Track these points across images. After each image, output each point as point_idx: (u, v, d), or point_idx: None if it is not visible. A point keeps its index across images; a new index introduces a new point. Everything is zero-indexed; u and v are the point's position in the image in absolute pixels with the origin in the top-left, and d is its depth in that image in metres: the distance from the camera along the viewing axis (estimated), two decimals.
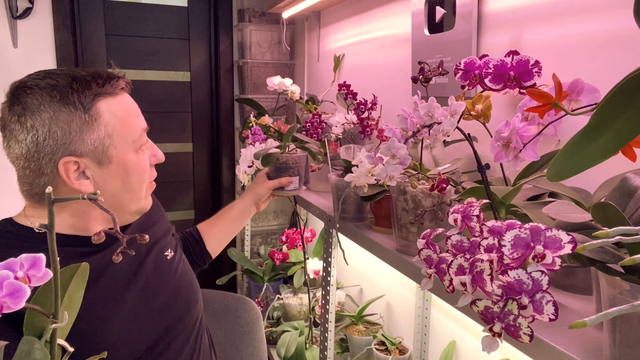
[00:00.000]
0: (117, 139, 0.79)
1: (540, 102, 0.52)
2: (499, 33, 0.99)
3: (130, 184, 0.83)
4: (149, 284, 0.89)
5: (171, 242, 1.01)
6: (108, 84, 0.79)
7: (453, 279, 0.47)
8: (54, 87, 0.75)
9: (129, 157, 0.81)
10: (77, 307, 0.44)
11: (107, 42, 2.24)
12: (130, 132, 0.82)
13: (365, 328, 1.58)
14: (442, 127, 0.68)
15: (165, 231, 1.02)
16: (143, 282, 0.88)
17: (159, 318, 0.88)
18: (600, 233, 0.35)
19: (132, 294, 0.84)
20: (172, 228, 1.07)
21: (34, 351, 0.37)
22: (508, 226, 0.45)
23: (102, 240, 0.40)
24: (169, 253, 0.98)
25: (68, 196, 0.78)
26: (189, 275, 1.00)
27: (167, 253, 0.97)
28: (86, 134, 0.76)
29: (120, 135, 0.80)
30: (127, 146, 0.81)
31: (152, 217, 1.01)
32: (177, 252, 1.01)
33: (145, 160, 0.85)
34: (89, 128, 0.76)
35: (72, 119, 0.75)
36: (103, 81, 0.79)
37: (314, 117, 1.33)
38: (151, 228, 0.99)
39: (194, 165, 2.48)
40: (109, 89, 0.79)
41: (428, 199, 0.77)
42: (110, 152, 0.79)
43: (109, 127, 0.78)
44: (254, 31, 2.20)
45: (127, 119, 0.82)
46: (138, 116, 0.85)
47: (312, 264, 1.93)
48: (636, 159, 0.43)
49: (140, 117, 0.85)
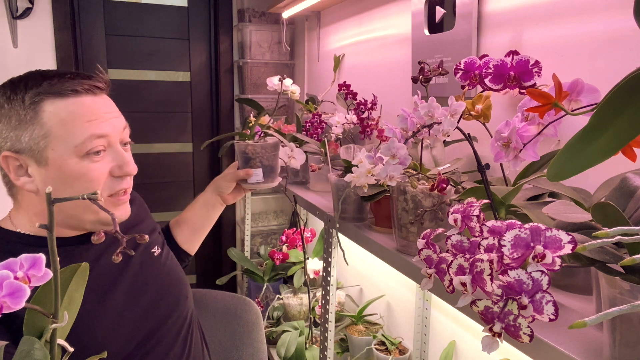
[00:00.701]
0: (55, 142, 0.75)
1: (540, 102, 0.52)
2: (499, 33, 0.99)
3: (77, 192, 0.77)
4: (137, 281, 0.89)
5: (158, 240, 1.01)
6: (60, 84, 0.76)
7: (453, 279, 0.47)
8: (10, 84, 0.77)
9: (68, 162, 0.76)
10: (77, 307, 0.44)
11: (107, 42, 2.24)
12: (71, 137, 0.76)
13: (365, 328, 1.58)
14: (442, 127, 0.68)
15: (151, 229, 1.02)
16: (130, 279, 0.88)
17: (148, 314, 0.88)
18: (600, 233, 0.35)
19: (119, 291, 0.85)
20: (157, 226, 1.08)
21: (34, 351, 0.37)
22: (508, 226, 0.45)
23: (102, 241, 0.40)
24: (156, 250, 0.97)
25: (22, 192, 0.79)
26: (177, 271, 1.00)
27: (154, 250, 0.97)
28: (22, 131, 0.75)
29: (58, 138, 0.75)
30: (66, 150, 0.76)
31: (138, 216, 1.01)
32: (164, 249, 1.01)
33: (96, 170, 0.78)
34: (25, 126, 0.75)
35: (12, 115, 0.75)
36: (56, 81, 0.76)
37: (314, 117, 1.33)
38: (138, 226, 0.99)
39: (194, 165, 2.48)
40: (58, 89, 0.76)
41: (428, 199, 0.77)
42: (47, 154, 0.75)
43: (46, 128, 0.75)
44: (254, 31, 2.20)
45: (70, 122, 0.76)
46: (91, 121, 0.77)
47: (312, 264, 1.93)
48: (636, 159, 0.43)
49: (94, 123, 0.78)
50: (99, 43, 2.23)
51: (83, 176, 0.77)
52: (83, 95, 0.78)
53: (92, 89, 0.79)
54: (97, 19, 2.21)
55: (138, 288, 0.88)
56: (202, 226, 1.19)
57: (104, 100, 0.82)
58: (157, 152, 2.41)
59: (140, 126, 2.37)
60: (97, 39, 2.22)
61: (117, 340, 0.81)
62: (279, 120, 1.60)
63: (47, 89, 0.75)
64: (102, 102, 0.81)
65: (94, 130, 0.77)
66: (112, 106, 0.84)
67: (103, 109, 0.80)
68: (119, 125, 0.82)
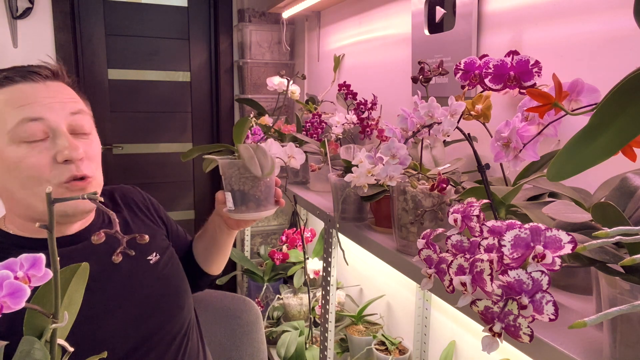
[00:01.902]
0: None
1: (540, 102, 0.52)
2: (499, 33, 0.99)
3: (21, 181, 0.74)
4: (124, 289, 0.84)
5: (159, 245, 0.95)
6: (5, 74, 0.76)
7: (453, 279, 0.47)
8: None
9: (5, 150, 0.74)
10: (77, 307, 0.44)
11: (107, 42, 2.24)
12: (4, 123, 0.73)
13: (365, 328, 1.58)
14: (442, 127, 0.68)
15: (152, 233, 0.96)
16: (117, 287, 0.83)
17: (135, 324, 0.83)
18: (600, 233, 0.35)
19: (101, 300, 0.81)
20: (160, 230, 1.01)
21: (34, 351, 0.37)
22: (508, 226, 0.45)
23: (102, 241, 0.40)
24: (153, 257, 0.91)
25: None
26: (175, 280, 0.94)
27: (151, 257, 0.91)
28: None
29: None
30: (3, 137, 0.73)
31: (132, 218, 0.96)
32: (165, 255, 0.94)
33: (34, 156, 0.74)
34: None
35: None
36: (10, 73, 0.76)
37: (314, 117, 1.33)
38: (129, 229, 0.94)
39: (194, 165, 2.48)
40: (2, 79, 0.76)
41: (428, 199, 0.77)
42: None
43: None
44: (254, 31, 2.20)
45: (2, 109, 0.74)
46: (24, 105, 0.74)
47: (312, 264, 1.93)
48: (636, 159, 0.43)
49: (27, 107, 0.74)
50: (99, 43, 2.23)
51: (21, 163, 0.73)
52: (20, 83, 0.76)
53: (30, 75, 0.77)
54: (97, 19, 2.21)
55: (123, 297, 0.84)
56: (212, 244, 1.06)
57: (47, 86, 0.78)
58: (157, 152, 2.42)
59: (140, 126, 2.37)
60: (97, 39, 2.22)
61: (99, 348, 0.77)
62: (279, 120, 1.60)
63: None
64: (43, 88, 0.77)
65: (26, 113, 0.74)
66: (59, 92, 0.79)
67: (42, 94, 0.77)
68: (63, 110, 0.78)
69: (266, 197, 0.86)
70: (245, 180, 0.84)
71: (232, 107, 2.42)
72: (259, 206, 0.86)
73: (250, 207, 0.85)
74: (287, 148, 0.97)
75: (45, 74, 0.79)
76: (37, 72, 0.78)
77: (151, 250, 0.93)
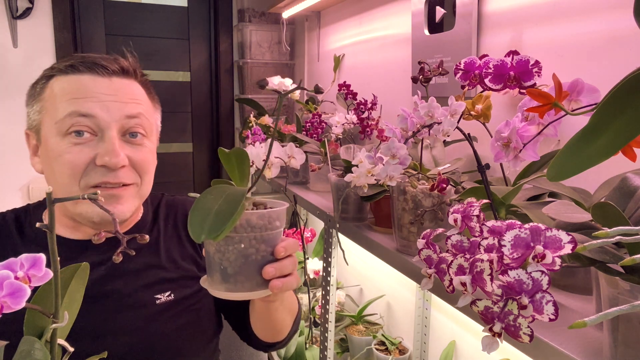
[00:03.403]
0: (46, 117, 0.72)
1: (540, 102, 0.52)
2: (499, 33, 0.99)
3: (54, 174, 0.71)
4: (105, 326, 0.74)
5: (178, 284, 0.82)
6: (73, 61, 0.73)
7: (453, 279, 0.47)
8: None
9: (50, 140, 0.71)
10: (78, 307, 0.44)
11: (107, 42, 2.24)
12: (55, 112, 0.71)
13: (365, 328, 1.58)
14: (442, 127, 0.68)
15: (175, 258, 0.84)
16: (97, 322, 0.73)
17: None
18: (600, 233, 0.35)
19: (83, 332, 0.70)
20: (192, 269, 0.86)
21: (34, 351, 0.37)
22: (508, 226, 0.45)
23: (102, 241, 0.40)
24: (163, 296, 0.79)
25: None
26: (185, 332, 0.80)
27: (160, 296, 0.79)
28: (30, 107, 0.76)
29: (48, 113, 0.72)
30: (50, 127, 0.71)
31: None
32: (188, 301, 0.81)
33: (73, 152, 0.70)
34: (31, 101, 0.76)
35: (29, 92, 0.77)
36: (73, 59, 0.74)
37: (314, 117, 1.33)
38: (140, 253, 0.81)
39: (194, 165, 2.48)
40: (65, 66, 0.73)
41: (428, 199, 0.77)
42: (40, 130, 0.73)
43: (42, 103, 0.73)
44: (254, 31, 2.20)
45: (58, 97, 0.71)
46: (78, 98, 0.70)
47: (312, 264, 1.93)
48: (636, 159, 0.43)
49: (80, 100, 0.70)
50: (99, 43, 2.23)
51: (59, 157, 0.70)
52: (83, 74, 0.73)
53: (95, 67, 0.73)
54: (97, 19, 2.21)
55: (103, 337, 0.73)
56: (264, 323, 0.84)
57: (111, 82, 0.74)
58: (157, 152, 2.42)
59: None
60: (97, 39, 2.22)
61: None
62: (279, 120, 1.60)
63: (59, 66, 0.74)
64: (105, 83, 0.73)
65: (76, 107, 0.70)
66: (121, 91, 0.74)
67: (101, 90, 0.72)
68: (119, 111, 0.72)
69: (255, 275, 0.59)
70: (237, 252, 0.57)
71: (232, 107, 2.42)
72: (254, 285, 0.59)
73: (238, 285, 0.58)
74: (287, 148, 0.95)
75: (113, 68, 0.74)
76: (104, 66, 0.74)
77: (165, 288, 0.79)
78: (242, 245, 0.56)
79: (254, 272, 0.58)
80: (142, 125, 0.76)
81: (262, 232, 0.57)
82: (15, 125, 2.05)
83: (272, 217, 0.58)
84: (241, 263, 0.57)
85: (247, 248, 0.57)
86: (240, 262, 0.57)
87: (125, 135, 0.75)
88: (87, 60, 0.74)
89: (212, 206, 0.50)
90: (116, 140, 0.72)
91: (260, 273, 0.58)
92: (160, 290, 0.80)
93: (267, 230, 0.58)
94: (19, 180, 2.09)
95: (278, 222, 0.59)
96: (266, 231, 0.58)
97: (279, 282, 0.58)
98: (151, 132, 0.80)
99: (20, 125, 2.07)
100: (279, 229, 0.60)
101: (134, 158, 0.75)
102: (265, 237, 0.58)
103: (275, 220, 0.59)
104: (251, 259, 0.57)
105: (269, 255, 0.59)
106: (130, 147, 0.75)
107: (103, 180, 0.71)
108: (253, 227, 0.56)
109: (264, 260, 0.58)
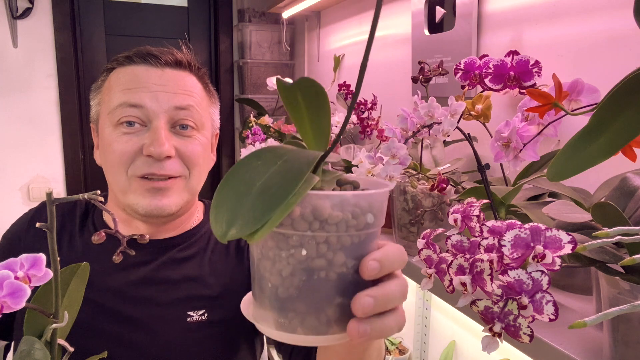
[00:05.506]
0: (103, 107, 0.73)
1: (540, 102, 0.52)
2: (499, 33, 0.99)
3: (106, 164, 0.72)
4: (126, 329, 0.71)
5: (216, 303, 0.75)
6: (129, 53, 0.74)
7: (453, 279, 0.47)
8: None
9: (105, 131, 0.72)
10: (78, 307, 0.44)
11: (107, 42, 2.24)
12: (109, 102, 0.72)
13: None
14: (442, 127, 0.68)
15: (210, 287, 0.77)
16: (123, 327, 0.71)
17: None
18: (600, 233, 0.35)
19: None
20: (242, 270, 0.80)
21: (34, 351, 0.37)
22: (508, 226, 0.45)
23: (102, 241, 0.40)
24: (196, 314, 0.73)
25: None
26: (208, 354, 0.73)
27: (193, 313, 0.73)
28: (92, 100, 0.77)
29: (105, 103, 0.73)
30: (105, 118, 0.72)
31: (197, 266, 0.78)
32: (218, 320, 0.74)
33: (122, 142, 0.70)
34: (93, 94, 0.77)
35: (92, 86, 0.78)
36: (132, 53, 0.75)
37: None
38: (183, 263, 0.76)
39: None
40: (123, 58, 0.74)
41: (428, 199, 0.77)
42: (99, 122, 0.74)
43: (101, 95, 0.74)
44: (254, 31, 2.20)
45: (113, 88, 0.72)
46: (130, 89, 0.70)
47: None
48: (636, 159, 0.43)
49: (132, 91, 0.70)
50: (99, 43, 2.23)
51: (110, 146, 0.70)
52: (137, 65, 0.73)
53: (148, 57, 0.73)
54: (97, 19, 2.21)
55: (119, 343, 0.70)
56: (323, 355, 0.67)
57: (163, 73, 0.73)
58: None
59: None
60: (97, 39, 2.22)
61: None
62: (279, 120, 1.60)
63: (118, 58, 0.75)
64: (157, 74, 0.72)
65: (127, 98, 0.70)
66: (173, 82, 0.73)
67: (152, 80, 0.71)
68: (169, 102, 0.71)
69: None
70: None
71: (232, 107, 2.42)
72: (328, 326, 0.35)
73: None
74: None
75: (165, 59, 0.74)
76: (157, 56, 0.74)
77: (201, 306, 0.74)
78: (304, 251, 0.33)
79: (324, 299, 0.34)
80: (192, 118, 0.74)
81: (341, 232, 0.33)
82: (15, 125, 2.05)
83: (361, 206, 0.34)
84: (301, 282, 0.33)
85: (312, 258, 0.33)
86: (300, 281, 0.33)
87: (175, 127, 0.73)
88: (142, 51, 0.75)
89: (255, 179, 0.30)
90: (162, 130, 0.70)
91: (334, 302, 0.34)
92: (194, 307, 0.73)
93: (349, 229, 0.34)
94: (19, 180, 2.09)
95: (371, 216, 0.35)
96: (347, 230, 0.33)
97: (367, 326, 0.34)
98: (203, 125, 0.76)
99: (20, 125, 2.08)
100: (373, 229, 0.36)
101: (181, 149, 0.72)
102: (345, 240, 0.34)
103: (367, 212, 0.34)
104: (319, 277, 0.33)
105: (351, 273, 0.35)
106: (179, 139, 0.73)
107: (149, 171, 0.70)
108: (324, 221, 0.32)
109: (342, 280, 0.34)
